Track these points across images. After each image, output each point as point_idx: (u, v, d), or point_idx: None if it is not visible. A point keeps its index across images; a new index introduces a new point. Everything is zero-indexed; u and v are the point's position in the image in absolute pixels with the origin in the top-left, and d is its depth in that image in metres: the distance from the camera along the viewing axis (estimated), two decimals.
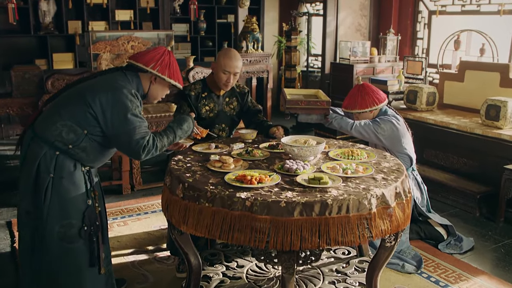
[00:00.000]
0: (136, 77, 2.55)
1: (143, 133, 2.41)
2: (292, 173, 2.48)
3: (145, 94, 2.61)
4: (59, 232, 2.39)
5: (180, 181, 2.42)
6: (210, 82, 3.28)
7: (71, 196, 2.41)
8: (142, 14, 7.83)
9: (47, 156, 2.36)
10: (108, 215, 4.15)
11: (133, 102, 2.41)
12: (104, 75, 2.54)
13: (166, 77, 2.55)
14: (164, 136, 2.53)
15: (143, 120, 2.43)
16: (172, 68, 2.58)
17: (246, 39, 6.03)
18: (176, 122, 2.66)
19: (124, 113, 2.37)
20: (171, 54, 2.62)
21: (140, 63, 2.52)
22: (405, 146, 3.50)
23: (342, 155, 2.81)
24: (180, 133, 2.62)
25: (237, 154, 2.81)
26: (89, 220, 2.46)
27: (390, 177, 2.47)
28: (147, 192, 4.80)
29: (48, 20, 7.12)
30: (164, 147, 2.53)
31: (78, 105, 2.38)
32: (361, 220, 2.20)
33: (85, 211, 2.45)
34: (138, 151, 2.40)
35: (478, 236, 3.89)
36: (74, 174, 2.42)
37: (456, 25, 6.33)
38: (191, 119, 2.72)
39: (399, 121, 3.49)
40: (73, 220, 2.42)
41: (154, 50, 2.59)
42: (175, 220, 2.42)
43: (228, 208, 2.19)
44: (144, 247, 3.64)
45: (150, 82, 2.58)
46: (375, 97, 3.50)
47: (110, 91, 2.39)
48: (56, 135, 2.35)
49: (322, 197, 2.18)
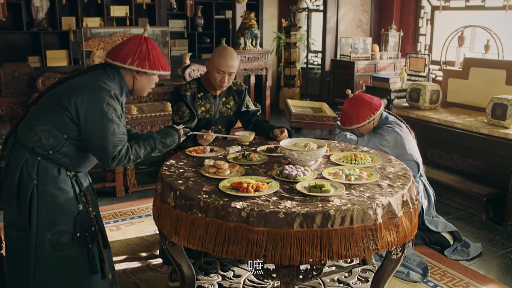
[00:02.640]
0: (118, 74, 2.37)
1: (116, 141, 2.24)
2: (291, 179, 2.32)
3: (131, 90, 2.44)
4: (51, 241, 2.25)
5: (171, 189, 2.26)
6: (206, 81, 3.11)
7: (58, 202, 2.27)
8: (138, 10, 7.66)
9: (29, 162, 2.22)
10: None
11: (110, 105, 2.23)
12: (85, 74, 2.36)
13: (147, 69, 2.36)
14: (142, 148, 2.38)
15: (119, 126, 2.25)
16: (152, 58, 2.37)
17: (244, 36, 5.85)
18: (160, 134, 2.50)
19: (98, 117, 2.21)
20: (149, 41, 2.40)
21: (117, 61, 2.33)
22: (411, 152, 3.38)
23: (345, 160, 2.65)
24: (160, 147, 2.46)
25: (233, 158, 2.65)
26: (81, 226, 2.31)
27: (396, 184, 2.31)
28: (141, 194, 4.64)
29: (41, 16, 6.95)
30: (139, 158, 2.37)
31: (56, 109, 2.22)
32: (365, 231, 2.04)
33: (76, 217, 2.30)
34: (107, 160, 2.25)
35: (486, 241, 3.73)
36: (59, 179, 2.28)
37: (460, 20, 6.17)
38: (178, 136, 2.56)
39: (401, 128, 3.37)
40: (63, 226, 2.28)
41: (129, 42, 2.37)
42: (166, 230, 2.26)
43: (222, 219, 2.03)
44: (137, 254, 3.49)
45: (134, 77, 2.39)
46: (370, 107, 3.35)
47: (86, 92, 2.22)
48: (35, 140, 2.21)
49: (324, 207, 2.02)
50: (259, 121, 3.23)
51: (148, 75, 2.40)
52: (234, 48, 5.96)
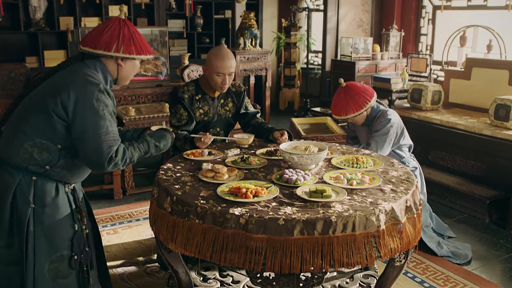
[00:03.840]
0: (99, 63, 2.13)
1: (111, 141, 2.02)
2: (291, 184, 2.25)
3: (116, 79, 2.23)
4: (51, 270, 2.05)
5: (168, 194, 2.19)
6: (203, 83, 3.04)
7: (57, 224, 2.06)
8: (136, 10, 7.60)
9: (23, 184, 2.00)
10: (98, 223, 3.89)
11: (100, 101, 2.00)
12: (62, 71, 2.11)
13: (135, 55, 2.15)
14: (136, 150, 2.18)
15: (112, 124, 2.03)
16: (136, 41, 2.16)
17: (243, 36, 5.79)
18: (154, 137, 2.32)
19: (88, 114, 1.98)
20: (128, 23, 2.18)
21: (100, 49, 2.09)
22: (406, 135, 3.46)
23: (346, 163, 2.58)
24: (154, 151, 2.30)
25: (232, 162, 2.59)
26: (78, 247, 2.13)
27: (399, 189, 2.24)
28: (139, 197, 4.57)
29: (39, 16, 6.89)
30: (133, 162, 2.18)
31: (40, 116, 1.98)
32: (368, 238, 1.98)
33: (73, 238, 2.11)
34: (102, 163, 2.01)
35: (489, 245, 3.67)
36: (58, 197, 2.07)
37: (461, 20, 6.10)
38: (171, 139, 2.41)
39: (392, 114, 3.33)
40: (63, 251, 2.08)
41: (107, 27, 2.12)
42: (162, 236, 2.19)
43: (220, 225, 1.96)
44: (135, 258, 3.42)
45: (117, 64, 2.17)
46: (365, 94, 3.28)
47: (71, 88, 1.98)
48: (26, 158, 1.99)
49: (325, 213, 1.95)
50: (259, 123, 3.16)
51: (132, 61, 2.20)
52: (233, 48, 5.95)
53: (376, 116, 3.35)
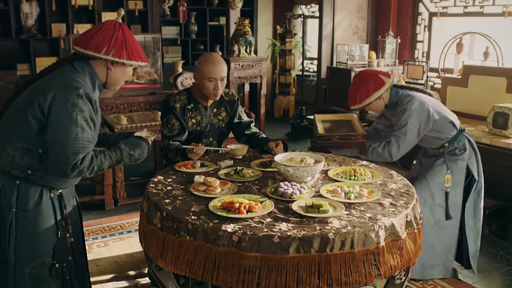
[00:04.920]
0: (88, 66, 2.06)
1: (79, 147, 1.93)
2: (287, 198, 2.16)
3: (104, 83, 2.14)
4: (31, 275, 2.03)
5: (157, 209, 2.10)
6: (196, 92, 2.95)
7: (39, 230, 2.03)
8: (130, 17, 7.50)
9: (6, 188, 1.98)
10: (88, 235, 3.84)
11: (76, 106, 1.92)
12: (49, 74, 2.05)
13: (125, 59, 2.06)
14: (107, 159, 2.08)
15: (83, 131, 1.94)
16: (129, 46, 2.07)
17: (238, 43, 5.71)
18: (128, 145, 2.19)
19: (61, 119, 1.91)
20: (124, 27, 2.10)
21: (90, 50, 2.01)
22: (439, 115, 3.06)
23: (343, 175, 2.49)
24: (127, 160, 2.18)
25: (225, 174, 2.49)
26: (60, 256, 2.09)
27: (399, 203, 2.16)
28: (131, 207, 4.46)
29: (30, 23, 6.78)
30: (103, 170, 2.08)
31: (21, 120, 1.94)
32: (367, 256, 1.89)
33: (55, 245, 2.08)
34: (65, 169, 1.92)
35: (489, 257, 3.58)
36: (41, 203, 2.03)
37: (458, 27, 6.04)
38: (147, 148, 2.28)
39: (414, 98, 3.02)
40: (45, 258, 2.06)
41: (102, 28, 2.06)
42: (152, 253, 2.10)
43: (212, 243, 1.87)
44: (125, 272, 3.32)
45: (107, 68, 2.08)
46: (376, 80, 3.04)
47: (50, 91, 1.93)
48: (9, 162, 1.96)
49: (322, 229, 1.86)
50: (253, 133, 3.07)
51: (123, 66, 2.11)
52: (228, 55, 5.87)
53: (397, 103, 3.10)
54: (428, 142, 3.19)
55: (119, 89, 2.36)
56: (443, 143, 3.15)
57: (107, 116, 4.60)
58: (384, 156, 3.06)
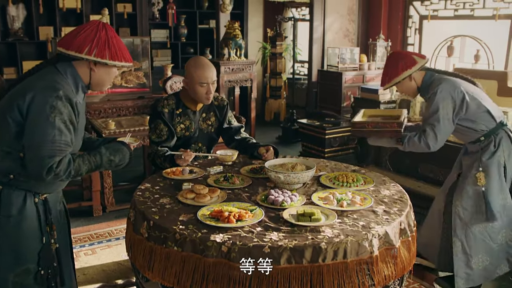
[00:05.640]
0: (70, 67, 2.00)
1: (55, 150, 1.87)
2: (277, 206, 2.11)
3: (88, 84, 2.08)
4: (14, 283, 1.98)
5: (144, 218, 2.03)
6: (184, 96, 2.89)
7: (23, 236, 1.99)
8: (119, 20, 7.42)
9: None
10: (75, 242, 3.76)
11: (54, 107, 1.86)
12: (30, 77, 1.99)
13: (108, 60, 1.99)
14: (86, 163, 2.00)
15: (61, 134, 1.88)
16: (112, 46, 2.01)
17: (228, 46, 5.66)
18: (109, 150, 2.12)
19: (38, 120, 1.86)
20: (108, 27, 2.03)
21: (72, 50, 1.95)
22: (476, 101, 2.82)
23: (335, 181, 2.44)
24: (107, 166, 2.11)
25: (214, 181, 2.43)
26: (45, 262, 2.04)
27: (392, 210, 2.11)
28: (120, 214, 4.37)
29: (17, 26, 6.68)
30: (80, 175, 2.02)
31: (1, 123, 1.89)
32: (361, 265, 1.84)
33: (40, 252, 2.03)
34: (40, 172, 1.86)
35: None
36: (25, 208, 1.98)
37: (448, 30, 6.05)
38: (129, 154, 2.20)
39: (447, 81, 2.84)
40: (30, 264, 2.01)
41: (85, 28, 2.00)
42: (139, 264, 2.03)
43: (200, 253, 1.81)
44: (113, 281, 3.24)
45: (90, 69, 2.02)
46: (406, 60, 2.89)
47: (29, 93, 1.87)
48: None
49: (314, 239, 1.80)
50: (243, 138, 3.01)
51: (107, 66, 2.04)
52: (218, 59, 5.81)
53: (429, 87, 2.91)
54: (462, 134, 2.95)
55: (107, 93, 2.28)
56: (478, 137, 2.88)
57: (95, 120, 4.52)
58: (421, 146, 2.86)
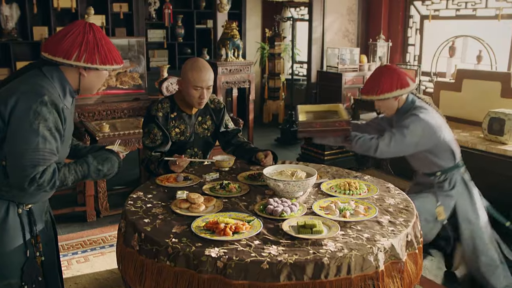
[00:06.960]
0: (57, 71, 1.89)
1: (39, 159, 1.76)
2: (277, 216, 1.99)
3: (77, 89, 1.97)
4: None
5: (135, 230, 1.92)
6: (179, 99, 2.77)
7: (6, 249, 1.89)
8: (115, 20, 7.30)
9: None
10: (67, 249, 3.65)
11: (38, 114, 1.75)
12: (14, 80, 1.88)
13: (98, 65, 1.89)
14: (72, 173, 1.89)
15: (45, 141, 1.78)
16: (102, 49, 1.90)
17: (225, 47, 5.54)
18: (97, 159, 2.00)
19: (21, 127, 1.75)
20: (95, 28, 1.92)
21: (59, 56, 1.84)
22: (445, 139, 2.86)
23: (337, 189, 2.32)
24: (94, 175, 1.98)
25: (210, 189, 2.32)
26: (28, 277, 1.93)
27: (398, 220, 2.00)
28: (114, 219, 4.25)
29: (11, 26, 6.56)
30: (66, 185, 1.90)
31: None
32: (365, 281, 1.73)
33: (24, 266, 1.92)
34: (22, 182, 1.76)
35: None
36: (7, 220, 1.88)
37: (450, 30, 5.93)
38: (118, 163, 2.07)
39: (428, 112, 2.85)
40: (12, 279, 1.91)
41: (71, 31, 1.87)
42: (129, 278, 1.92)
43: (194, 269, 1.69)
44: None
45: (79, 74, 1.92)
46: (401, 78, 2.84)
47: (11, 98, 1.76)
48: None
49: (316, 253, 1.69)
50: (240, 143, 2.90)
51: (98, 70, 1.94)
52: (215, 60, 5.68)
53: (408, 111, 2.89)
54: (422, 162, 2.98)
55: (101, 95, 2.16)
56: (435, 171, 2.96)
57: (89, 123, 4.40)
58: (370, 146, 2.78)
